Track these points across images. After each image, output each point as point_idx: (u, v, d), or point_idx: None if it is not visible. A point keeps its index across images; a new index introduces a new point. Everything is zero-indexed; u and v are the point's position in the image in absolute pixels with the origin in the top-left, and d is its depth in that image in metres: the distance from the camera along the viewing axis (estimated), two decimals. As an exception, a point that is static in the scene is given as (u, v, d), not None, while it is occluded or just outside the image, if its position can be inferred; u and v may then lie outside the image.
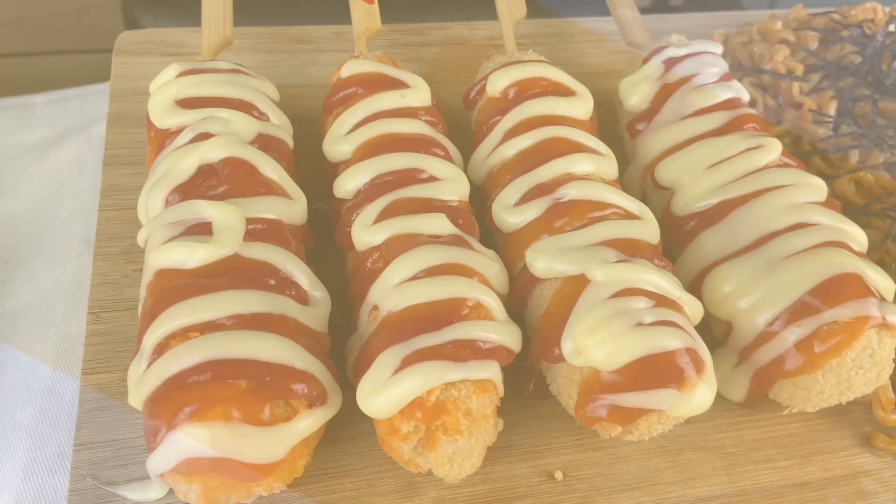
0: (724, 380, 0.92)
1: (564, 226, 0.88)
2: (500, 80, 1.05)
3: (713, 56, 1.13)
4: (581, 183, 0.91)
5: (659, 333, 0.77)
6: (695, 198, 0.98)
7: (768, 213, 0.92)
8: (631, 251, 0.85)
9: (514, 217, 0.92)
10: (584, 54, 1.45)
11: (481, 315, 0.79)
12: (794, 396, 0.86)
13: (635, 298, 0.80)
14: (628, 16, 1.32)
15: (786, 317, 0.84)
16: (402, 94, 0.99)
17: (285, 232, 0.84)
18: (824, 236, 0.88)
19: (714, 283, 0.90)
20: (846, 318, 0.82)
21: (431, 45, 1.41)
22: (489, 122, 1.03)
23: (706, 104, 1.06)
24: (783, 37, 1.36)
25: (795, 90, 1.25)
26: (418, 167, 0.92)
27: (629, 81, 1.14)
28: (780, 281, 0.86)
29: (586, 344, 0.77)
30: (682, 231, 0.98)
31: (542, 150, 0.96)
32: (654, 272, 0.82)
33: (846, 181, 1.14)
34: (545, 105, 1.01)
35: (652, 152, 1.07)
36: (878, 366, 0.83)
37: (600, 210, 0.89)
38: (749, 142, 1.00)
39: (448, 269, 0.80)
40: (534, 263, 0.85)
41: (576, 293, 0.82)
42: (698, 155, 1.01)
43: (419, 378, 0.72)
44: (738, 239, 0.92)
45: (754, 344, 0.87)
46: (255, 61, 1.32)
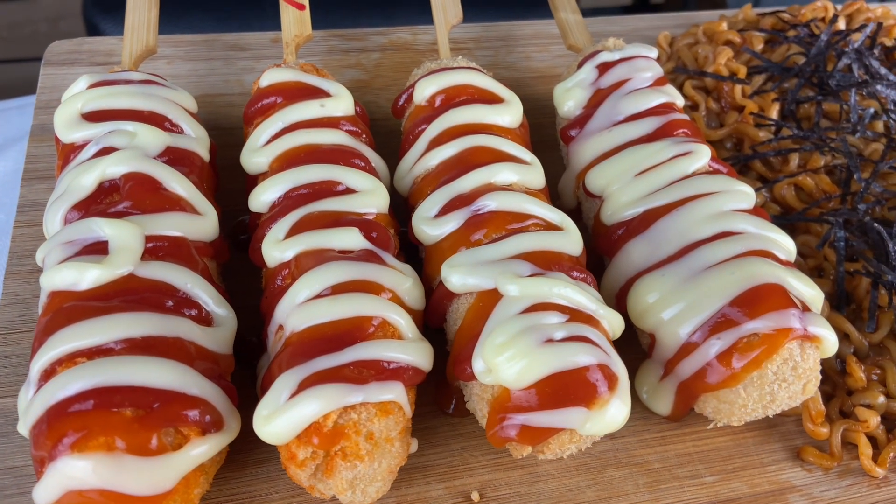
0: (650, 393, 0.90)
1: (482, 238, 0.86)
2: (427, 87, 1.03)
3: (647, 60, 1.11)
4: (501, 194, 0.89)
5: (569, 350, 0.75)
6: (622, 206, 0.96)
7: (693, 222, 0.90)
8: (548, 264, 0.83)
9: (434, 229, 0.89)
10: (528, 58, 1.43)
11: (388, 334, 0.76)
12: (718, 410, 0.84)
13: (548, 313, 0.77)
14: (570, 19, 1.30)
15: (707, 328, 0.82)
16: (322, 104, 0.96)
17: (189, 249, 0.81)
18: (748, 245, 0.86)
19: (638, 294, 0.88)
20: (766, 329, 0.80)
21: (372, 51, 1.39)
22: (415, 131, 1.01)
23: (637, 110, 1.04)
24: (728, 38, 1.34)
25: (737, 93, 1.23)
26: (334, 179, 0.89)
27: (562, 87, 1.12)
28: (701, 291, 0.84)
29: (495, 362, 0.75)
30: (611, 240, 0.96)
31: (464, 160, 0.93)
32: (569, 286, 0.80)
33: (785, 185, 1.12)
34: (470, 113, 0.99)
35: (584, 159, 1.04)
36: (803, 378, 0.81)
37: (520, 221, 0.87)
38: (678, 148, 0.97)
39: (355, 286, 0.77)
40: (448, 278, 0.83)
41: (488, 308, 0.79)
42: (627, 162, 0.99)
43: (315, 402, 0.69)
44: (662, 248, 0.90)
45: (677, 356, 0.85)
46: (188, 70, 1.29)
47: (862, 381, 0.90)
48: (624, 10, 4.27)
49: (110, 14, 2.23)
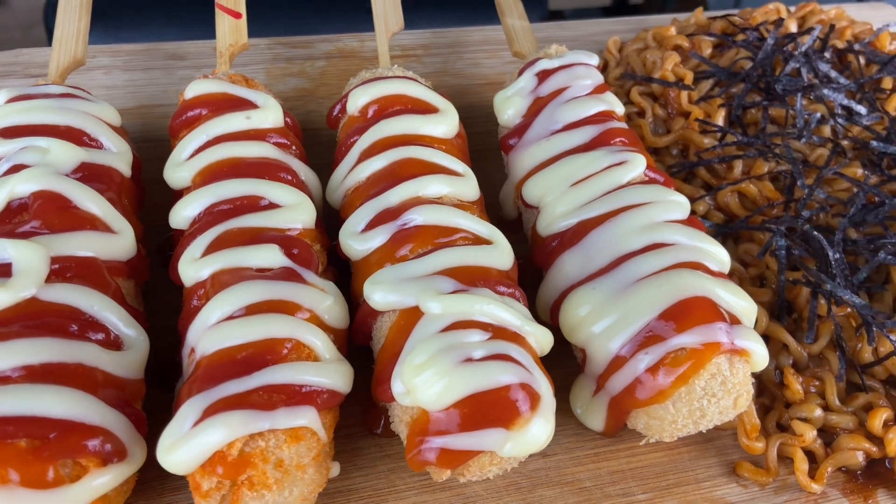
0: (584, 409, 0.88)
1: (408, 254, 0.84)
2: (360, 97, 1.01)
3: (586, 67, 1.09)
4: (428, 207, 0.86)
5: (489, 369, 0.73)
6: (557, 217, 0.94)
7: (624, 234, 0.88)
8: (473, 279, 0.81)
9: (361, 244, 0.87)
10: (477, 65, 1.41)
11: (302, 356, 0.74)
12: (650, 426, 0.82)
13: (469, 331, 0.75)
14: (516, 25, 1.28)
15: (635, 343, 0.80)
16: (248, 116, 0.94)
17: (100, 270, 0.78)
18: (679, 257, 0.85)
19: (569, 308, 0.86)
20: (693, 344, 0.78)
21: (318, 59, 1.37)
22: (348, 143, 0.98)
23: (575, 118, 1.02)
24: (677, 43, 1.33)
25: (683, 99, 1.21)
26: (257, 194, 0.87)
27: (502, 95, 1.10)
28: (630, 305, 0.82)
29: (413, 383, 0.72)
30: (546, 252, 0.94)
31: (393, 173, 0.91)
32: (493, 302, 0.78)
33: (729, 192, 1.10)
34: (403, 124, 0.96)
35: (522, 169, 1.02)
36: (733, 392, 0.79)
37: (447, 236, 0.85)
38: (613, 158, 0.96)
39: (269, 306, 0.75)
40: (370, 296, 0.80)
41: (410, 327, 0.77)
42: (562, 172, 0.97)
43: (219, 430, 0.66)
44: (594, 261, 0.88)
45: (607, 371, 0.83)
46: (126, 80, 1.26)
47: (799, 394, 0.89)
48: (604, 10, 4.29)
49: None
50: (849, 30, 1.40)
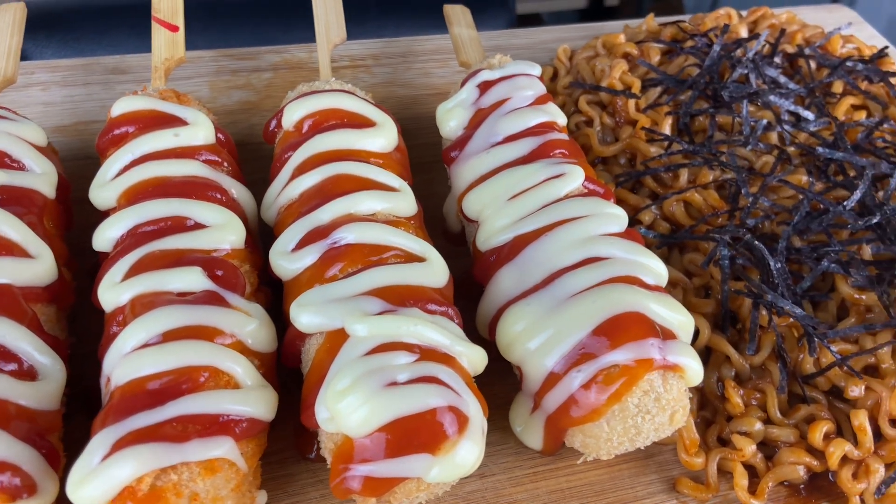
0: (523, 427, 0.86)
1: (338, 273, 0.82)
2: (295, 111, 0.99)
3: (528, 78, 1.08)
4: (359, 225, 0.84)
5: (414, 392, 0.71)
6: (495, 232, 0.92)
7: (560, 248, 0.86)
8: (403, 299, 0.79)
9: (291, 263, 0.85)
10: (427, 74, 1.40)
11: (220, 384, 0.72)
12: (586, 444, 0.81)
13: (395, 354, 0.73)
14: (463, 34, 1.27)
15: (569, 360, 0.79)
16: (176, 133, 0.92)
17: (13, 297, 0.76)
18: (613, 271, 0.83)
19: (504, 325, 0.85)
20: (626, 361, 0.77)
21: (264, 71, 1.34)
22: (282, 158, 0.96)
23: (515, 130, 1.01)
24: (626, 50, 1.32)
25: (631, 107, 1.20)
26: (183, 214, 0.85)
27: (444, 107, 1.08)
28: (564, 321, 0.80)
29: (336, 408, 0.70)
30: (485, 267, 0.92)
31: (325, 190, 0.89)
32: (421, 322, 0.76)
33: (674, 202, 1.09)
34: (337, 139, 0.95)
35: (463, 182, 1.01)
36: (668, 409, 0.78)
37: (378, 254, 0.83)
38: (551, 170, 0.94)
39: (187, 332, 0.73)
40: (296, 318, 0.78)
41: (336, 350, 0.75)
42: (500, 186, 0.95)
43: (128, 464, 0.64)
44: (530, 276, 0.86)
45: (543, 389, 0.81)
46: (64, 96, 1.23)
47: (739, 407, 0.88)
48: (580, 13, 4.30)
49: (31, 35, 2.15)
50: (799, 34, 1.40)
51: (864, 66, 1.32)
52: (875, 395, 0.86)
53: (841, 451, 0.83)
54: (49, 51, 2.04)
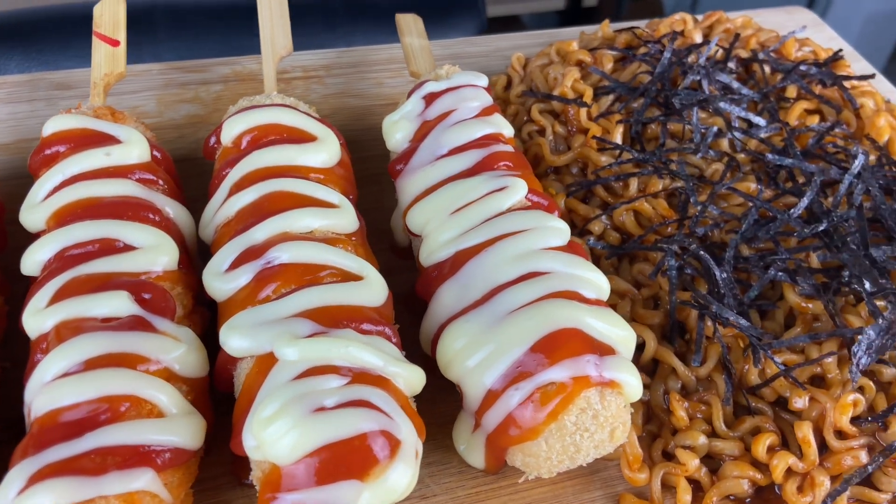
0: (466, 445, 0.85)
1: (271, 294, 0.80)
2: (234, 127, 0.97)
3: (474, 89, 1.06)
4: (294, 244, 0.83)
5: (342, 417, 0.69)
6: (437, 247, 0.91)
7: (500, 263, 0.85)
8: (336, 320, 0.77)
9: (225, 284, 0.83)
10: (381, 84, 1.38)
11: (142, 413, 0.70)
12: (526, 463, 0.79)
13: (325, 378, 0.72)
14: (414, 44, 1.26)
15: (506, 378, 0.78)
16: (108, 153, 0.90)
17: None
18: (553, 286, 0.82)
19: (445, 343, 0.83)
20: (562, 378, 0.75)
21: (213, 83, 1.32)
22: (220, 175, 0.95)
23: (459, 142, 0.99)
24: (580, 58, 1.31)
25: (582, 115, 1.19)
26: (112, 236, 0.83)
27: (390, 120, 1.07)
28: (502, 338, 0.79)
29: (262, 436, 0.69)
30: (428, 283, 0.91)
31: (261, 207, 0.87)
32: (353, 344, 0.74)
33: (624, 211, 1.08)
34: (276, 155, 0.93)
35: (408, 196, 0.99)
36: (607, 426, 0.77)
37: (313, 273, 0.81)
38: (494, 183, 0.93)
39: (109, 360, 0.71)
40: (226, 342, 0.76)
41: (264, 375, 0.73)
42: (443, 199, 0.94)
43: (43, 499, 0.62)
44: (471, 292, 0.85)
45: (482, 408, 0.80)
46: (7, 113, 1.21)
47: (684, 421, 0.87)
48: (559, 14, 4.29)
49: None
50: (754, 38, 1.39)
51: (818, 70, 1.32)
52: (820, 406, 0.85)
53: (785, 464, 0.82)
54: (13, 63, 2.02)
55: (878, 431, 0.85)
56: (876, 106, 1.30)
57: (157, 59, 2.12)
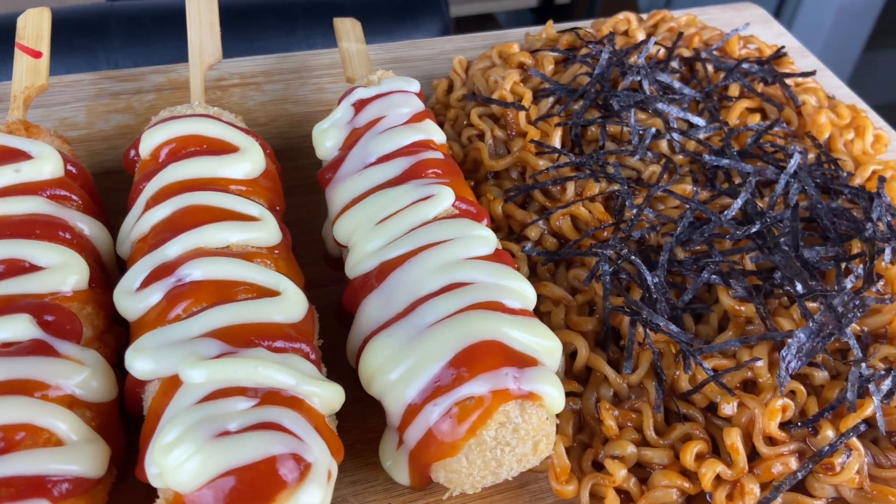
0: (392, 462, 0.83)
1: (182, 313, 0.77)
2: (152, 139, 0.94)
3: (405, 95, 1.04)
4: (207, 260, 0.80)
5: (247, 441, 0.67)
6: (363, 257, 0.89)
7: (423, 274, 0.83)
8: (247, 339, 0.75)
9: (136, 304, 0.80)
10: (322, 90, 1.36)
11: (39, 442, 0.67)
12: (449, 479, 0.77)
13: (231, 400, 0.69)
14: (352, 49, 1.23)
15: (426, 393, 0.76)
16: (18, 169, 0.87)
17: None
18: (475, 297, 0.80)
19: (366, 358, 0.81)
20: (480, 392, 0.74)
21: (147, 92, 1.29)
22: (137, 189, 0.92)
23: (388, 150, 0.97)
24: (521, 60, 1.29)
25: (522, 119, 1.17)
26: (18, 256, 0.80)
27: (319, 127, 1.04)
28: (422, 352, 0.77)
29: (164, 464, 0.66)
30: (352, 295, 0.89)
31: (175, 222, 0.85)
32: (262, 364, 0.72)
33: (561, 216, 1.07)
34: (194, 167, 0.90)
35: (337, 205, 0.97)
36: (529, 439, 0.75)
37: (226, 290, 0.79)
38: (420, 192, 0.91)
39: (4, 387, 0.68)
40: (131, 364, 0.74)
41: (169, 398, 0.71)
42: (370, 209, 0.92)
43: (-77, 538, 0.59)
44: (394, 304, 0.83)
45: (403, 423, 0.78)
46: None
47: (613, 430, 0.85)
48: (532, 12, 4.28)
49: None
50: (697, 36, 1.38)
51: (760, 68, 1.31)
52: (749, 411, 0.84)
53: (713, 472, 0.81)
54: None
55: (808, 437, 0.84)
56: (818, 103, 1.30)
57: (113, 66, 2.08)
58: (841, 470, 0.81)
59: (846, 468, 0.81)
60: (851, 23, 3.49)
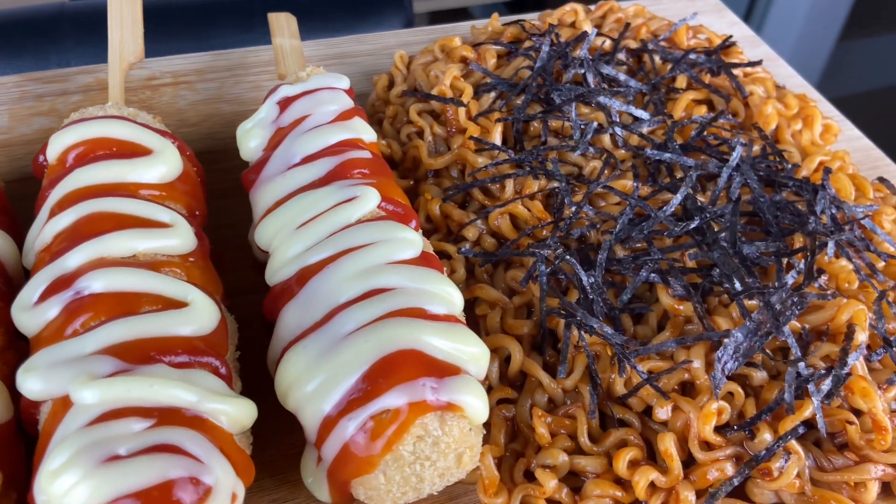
0: (313, 479, 0.79)
1: (80, 328, 0.73)
2: (59, 142, 0.89)
3: (332, 92, 1.00)
4: (108, 271, 0.76)
5: (140, 466, 0.62)
6: (282, 264, 0.84)
7: (342, 280, 0.79)
8: (145, 354, 0.70)
9: (33, 319, 0.75)
10: (258, 88, 1.31)
11: (-89, 471, 0.62)
12: (369, 497, 0.74)
13: (124, 421, 0.65)
14: (285, 45, 1.19)
15: (340, 407, 0.72)
16: None
17: None
18: (395, 304, 0.76)
19: (281, 370, 0.77)
20: (397, 405, 0.70)
21: (73, 94, 1.24)
22: (43, 196, 0.87)
23: (313, 150, 0.93)
24: (463, 54, 1.25)
25: (461, 115, 1.13)
26: None
27: (243, 127, 1.00)
28: (337, 364, 0.73)
29: (50, 491, 0.62)
30: (272, 304, 0.84)
31: (78, 231, 0.80)
32: (161, 382, 0.67)
33: (499, 215, 1.03)
34: (102, 171, 0.85)
35: (261, 208, 0.93)
36: (451, 452, 0.71)
37: (129, 303, 0.74)
38: (343, 193, 0.87)
39: None
40: (21, 384, 0.69)
41: (59, 420, 0.66)
42: (291, 212, 0.87)
43: None
44: (312, 313, 0.79)
45: (319, 439, 0.74)
46: None
47: (545, 438, 0.82)
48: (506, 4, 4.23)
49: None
50: (644, 27, 1.35)
51: (707, 58, 1.28)
52: (684, 415, 0.81)
53: (646, 480, 0.78)
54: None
55: (745, 440, 0.81)
56: (766, 93, 1.27)
57: (64, 66, 2.01)
58: (779, 475, 0.78)
59: (784, 473, 0.78)
60: (826, 12, 3.48)
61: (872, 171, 1.30)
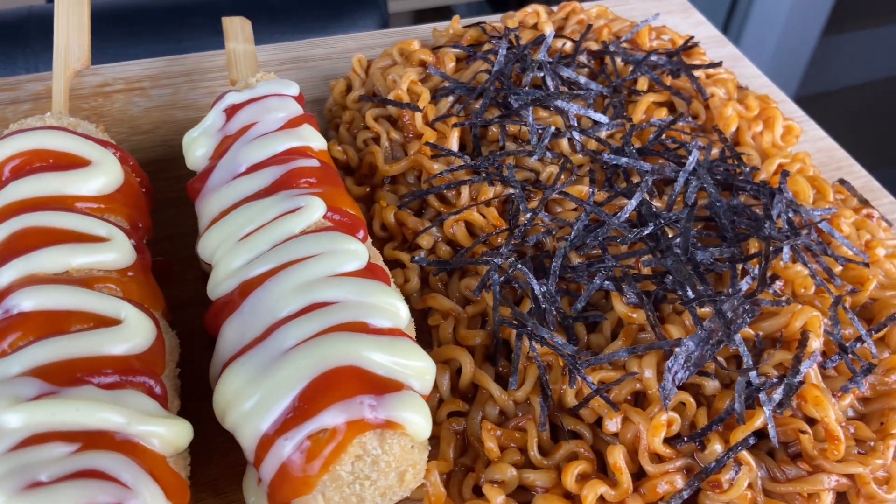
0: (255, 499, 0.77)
1: (8, 349, 0.70)
2: (-6, 155, 0.86)
3: (281, 99, 0.98)
4: (38, 289, 0.73)
5: (62, 492, 0.60)
6: (223, 277, 0.82)
7: (282, 294, 0.77)
8: (72, 375, 0.68)
9: (-39, 339, 0.73)
10: (214, 94, 1.28)
11: None
12: (310, 518, 0.72)
13: (47, 446, 0.63)
14: (238, 49, 1.16)
15: (277, 426, 0.70)
16: None
17: None
18: (335, 318, 0.74)
19: (219, 389, 0.75)
20: (334, 424, 0.68)
21: (23, 102, 1.21)
22: (-23, 211, 0.84)
23: (259, 159, 0.91)
24: (422, 57, 1.23)
25: (418, 120, 1.11)
26: None
27: (189, 136, 0.98)
28: (274, 382, 0.71)
29: (-34, 521, 0.59)
30: (213, 319, 0.82)
31: (9, 247, 0.77)
32: (86, 404, 0.65)
33: (454, 222, 1.01)
34: (34, 185, 0.83)
35: (205, 220, 0.90)
36: (392, 470, 0.70)
37: (59, 322, 0.72)
38: (287, 204, 0.85)
39: None
40: (-57, 409, 0.67)
41: (-19, 446, 0.64)
42: (233, 224, 0.85)
43: None
44: (252, 328, 0.77)
45: (257, 459, 0.72)
46: None
47: (494, 452, 0.80)
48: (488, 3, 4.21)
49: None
50: (606, 28, 1.34)
51: (668, 60, 1.27)
52: (634, 427, 0.79)
53: (595, 494, 0.76)
54: None
55: (696, 452, 0.80)
56: (727, 94, 1.26)
57: (32, 71, 1.98)
58: (729, 487, 0.77)
59: (735, 485, 0.77)
60: (809, 7, 3.49)
61: (836, 173, 1.30)
